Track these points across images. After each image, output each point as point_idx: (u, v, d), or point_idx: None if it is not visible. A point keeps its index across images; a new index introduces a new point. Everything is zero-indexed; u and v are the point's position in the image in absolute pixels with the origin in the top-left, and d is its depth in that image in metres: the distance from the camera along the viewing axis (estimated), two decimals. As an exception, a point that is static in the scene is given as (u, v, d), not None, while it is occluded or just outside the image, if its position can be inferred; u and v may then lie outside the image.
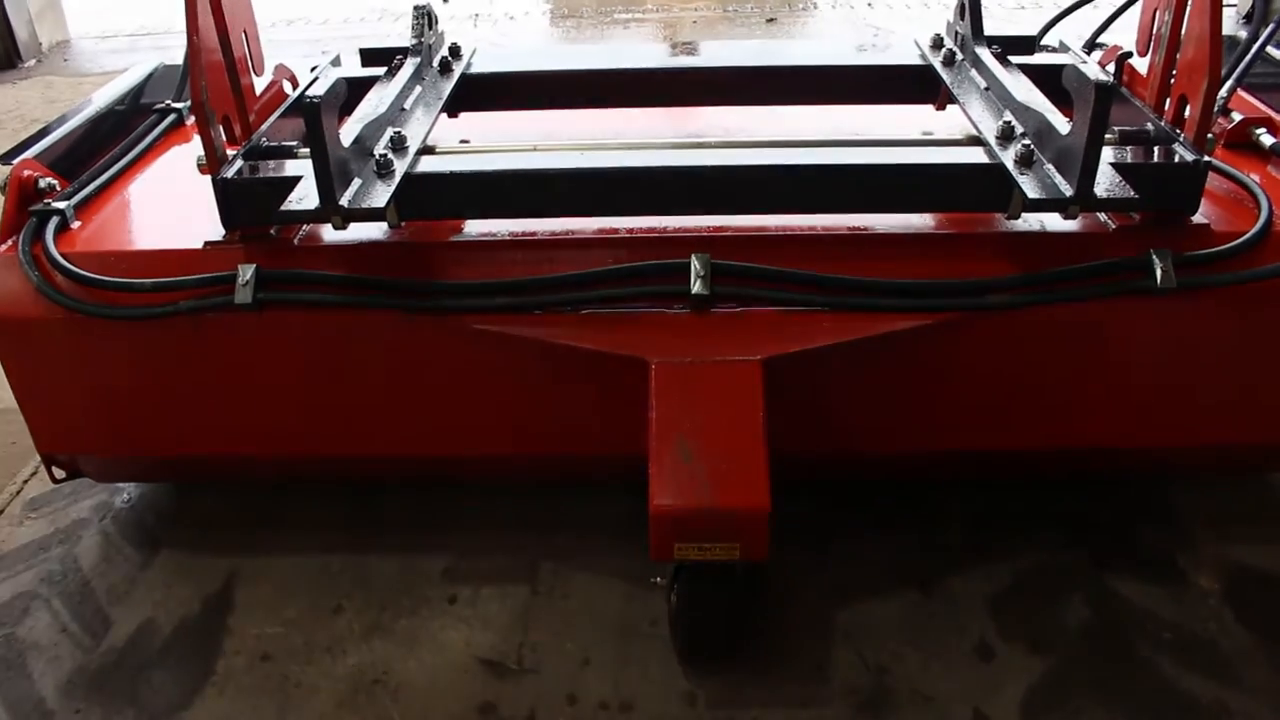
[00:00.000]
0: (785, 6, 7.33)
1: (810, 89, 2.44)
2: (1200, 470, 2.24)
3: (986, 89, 2.12)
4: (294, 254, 1.85)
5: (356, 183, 1.73)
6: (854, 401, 1.87)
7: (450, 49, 2.41)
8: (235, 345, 1.88)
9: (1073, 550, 2.12)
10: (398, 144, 1.89)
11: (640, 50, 3.75)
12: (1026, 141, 1.83)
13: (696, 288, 1.73)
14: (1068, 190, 1.64)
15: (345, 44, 6.85)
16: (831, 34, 6.55)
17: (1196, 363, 1.86)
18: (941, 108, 2.45)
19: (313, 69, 2.36)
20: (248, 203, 1.79)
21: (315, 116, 1.57)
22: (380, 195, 1.71)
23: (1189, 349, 1.85)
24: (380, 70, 2.22)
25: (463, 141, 2.20)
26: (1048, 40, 2.54)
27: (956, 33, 2.44)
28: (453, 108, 2.36)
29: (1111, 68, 2.16)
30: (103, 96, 2.42)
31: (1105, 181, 1.67)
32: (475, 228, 1.90)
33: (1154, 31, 1.97)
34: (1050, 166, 1.75)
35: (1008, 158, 1.78)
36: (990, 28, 2.25)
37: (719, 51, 2.85)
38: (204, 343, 1.88)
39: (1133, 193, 1.65)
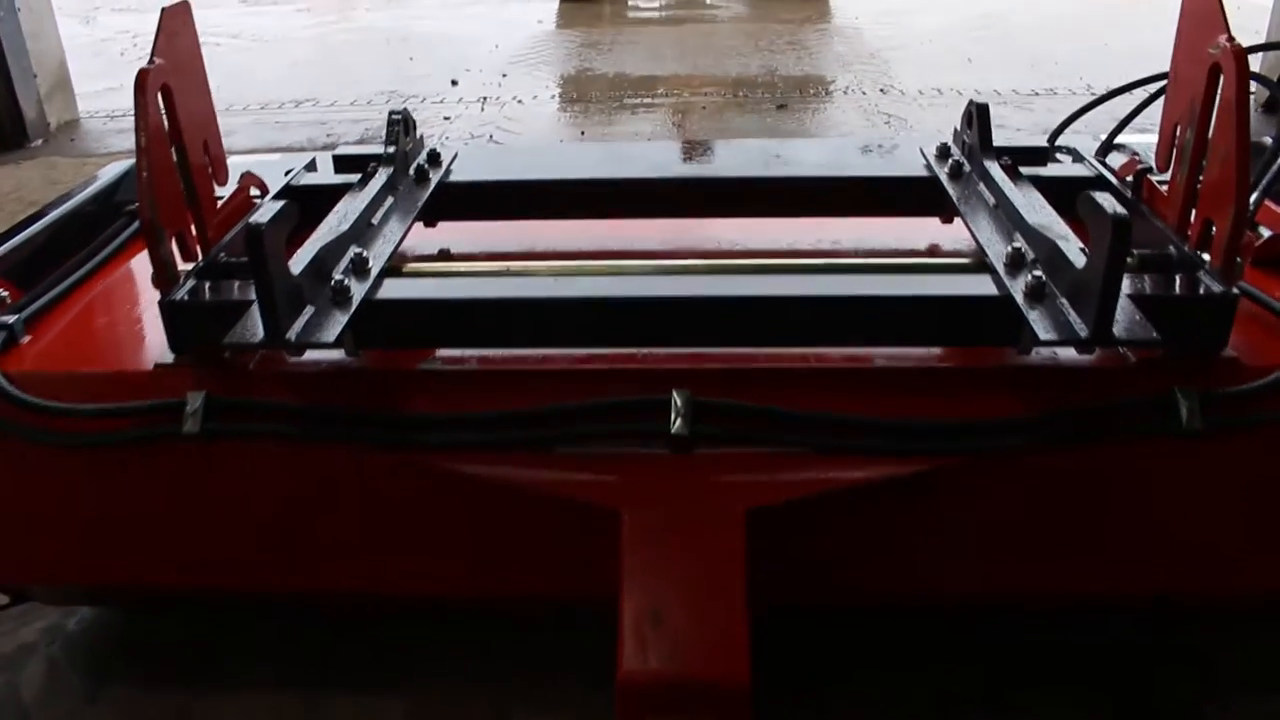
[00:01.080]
0: (797, 92, 7.32)
1: (810, 201, 2.31)
2: (1231, 616, 2.06)
3: (995, 206, 1.99)
4: (248, 379, 1.72)
5: (309, 311, 1.60)
6: (847, 549, 1.71)
7: (429, 155, 2.31)
8: (184, 476, 1.74)
9: (1095, 704, 1.94)
10: (358, 266, 1.77)
11: (635, 152, 3.61)
12: (1038, 273, 1.69)
13: (677, 427, 1.58)
14: (1083, 330, 1.50)
15: (351, 128, 6.87)
16: (843, 123, 6.51)
17: (1227, 507, 1.70)
18: (948, 221, 2.31)
19: (287, 173, 2.26)
20: (195, 328, 1.67)
21: (258, 244, 1.45)
22: (332, 326, 1.58)
23: (1218, 493, 1.68)
24: (357, 175, 2.11)
25: (440, 252, 2.08)
26: (1062, 140, 2.43)
27: (964, 142, 2.32)
28: (430, 217, 2.24)
29: (1129, 178, 2.04)
30: (72, 197, 2.32)
31: (1124, 317, 1.53)
32: (443, 353, 1.77)
33: (1175, 146, 1.85)
34: (1064, 300, 1.61)
35: (1017, 289, 1.64)
36: (1002, 114, 2.13)
37: (721, 154, 2.74)
38: (151, 472, 1.74)
39: (1154, 332, 1.51)
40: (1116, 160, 2.25)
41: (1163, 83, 1.91)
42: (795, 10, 10.42)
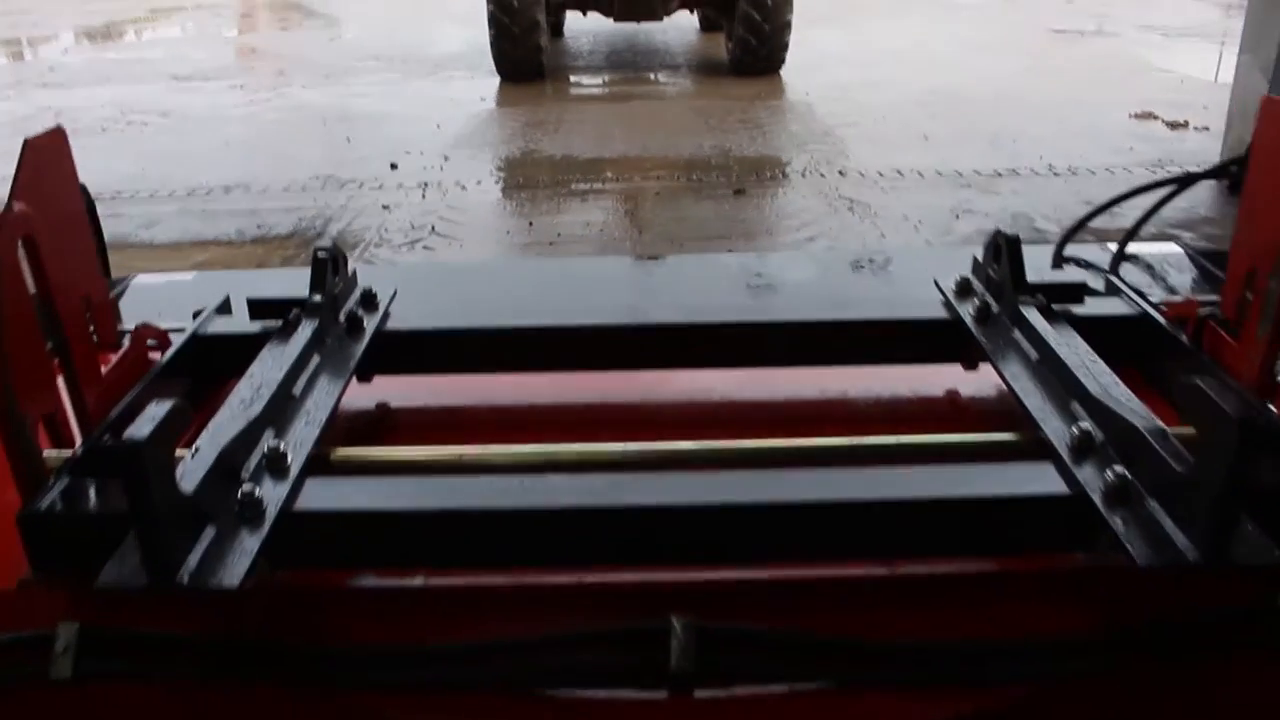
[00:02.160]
0: (753, 175, 7.05)
1: (811, 347, 1.91)
2: None
3: (1039, 360, 1.62)
4: (131, 605, 1.29)
5: (209, 534, 1.19)
6: None
7: (363, 297, 1.86)
8: None
9: None
10: (274, 462, 1.34)
11: (596, 271, 3.15)
12: (1119, 468, 1.31)
13: (676, 662, 1.19)
14: (1191, 552, 1.13)
15: (283, 218, 6.46)
16: (804, 209, 6.22)
17: None
18: (972, 368, 1.93)
19: (196, 314, 1.83)
20: (63, 546, 1.25)
21: (134, 467, 1.04)
22: (239, 556, 1.16)
23: None
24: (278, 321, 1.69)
25: (378, 415, 1.67)
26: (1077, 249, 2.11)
27: (989, 276, 1.94)
28: (366, 371, 1.80)
29: (1175, 316, 1.70)
30: None
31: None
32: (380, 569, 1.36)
33: (1249, 289, 1.51)
34: (1154, 503, 1.24)
35: (1093, 486, 1.27)
36: (968, 198, 1.78)
37: (694, 273, 2.36)
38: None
39: (1278, 549, 1.15)
40: (1130, 274, 1.98)
41: (1167, 189, 1.65)
42: (745, 86, 10.24)
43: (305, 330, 1.66)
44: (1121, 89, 10.12)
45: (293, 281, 1.77)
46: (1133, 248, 2.19)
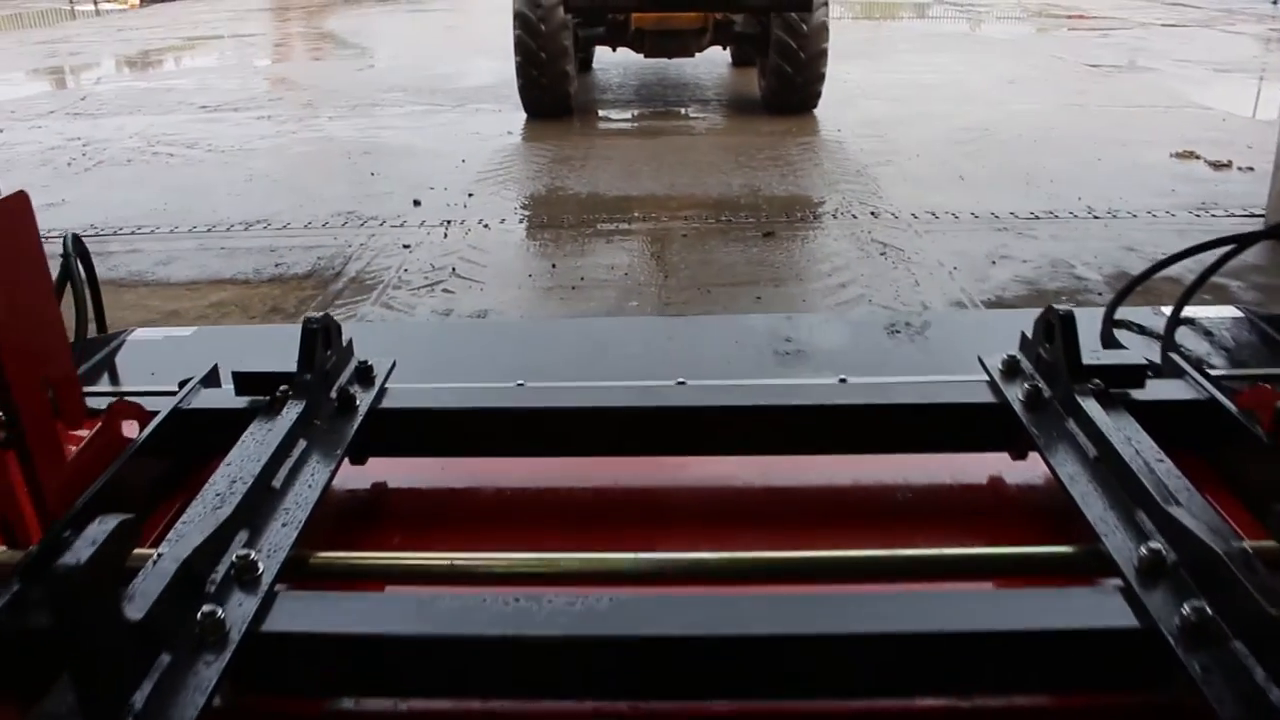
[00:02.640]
0: (783, 215, 6.88)
1: (844, 433, 1.71)
2: None
3: (1097, 459, 1.42)
4: None
5: (164, 662, 1.01)
6: None
7: (357, 371, 1.68)
8: None
9: None
10: (243, 573, 1.16)
11: (612, 333, 2.95)
12: (1198, 603, 1.10)
13: None
14: None
15: (303, 256, 6.33)
16: (835, 254, 6.03)
17: None
18: (1020, 458, 1.72)
19: (182, 384, 1.67)
20: (3, 665, 1.08)
21: (67, 600, 0.87)
22: (194, 694, 0.98)
23: None
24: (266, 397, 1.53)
25: (370, 506, 1.50)
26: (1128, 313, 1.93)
27: (1039, 356, 1.72)
28: (358, 453, 1.62)
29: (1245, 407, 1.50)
30: None
31: None
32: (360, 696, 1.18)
33: None
34: (1240, 645, 1.04)
35: (1166, 619, 1.07)
36: (1004, 242, 1.60)
37: (718, 333, 2.18)
38: None
39: None
40: (1187, 339, 1.81)
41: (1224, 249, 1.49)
42: (775, 122, 10.08)
43: (292, 411, 1.48)
44: (1161, 126, 9.88)
45: (296, 341, 1.62)
46: (1188, 310, 2.00)
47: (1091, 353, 1.67)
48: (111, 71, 16.67)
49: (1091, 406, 1.51)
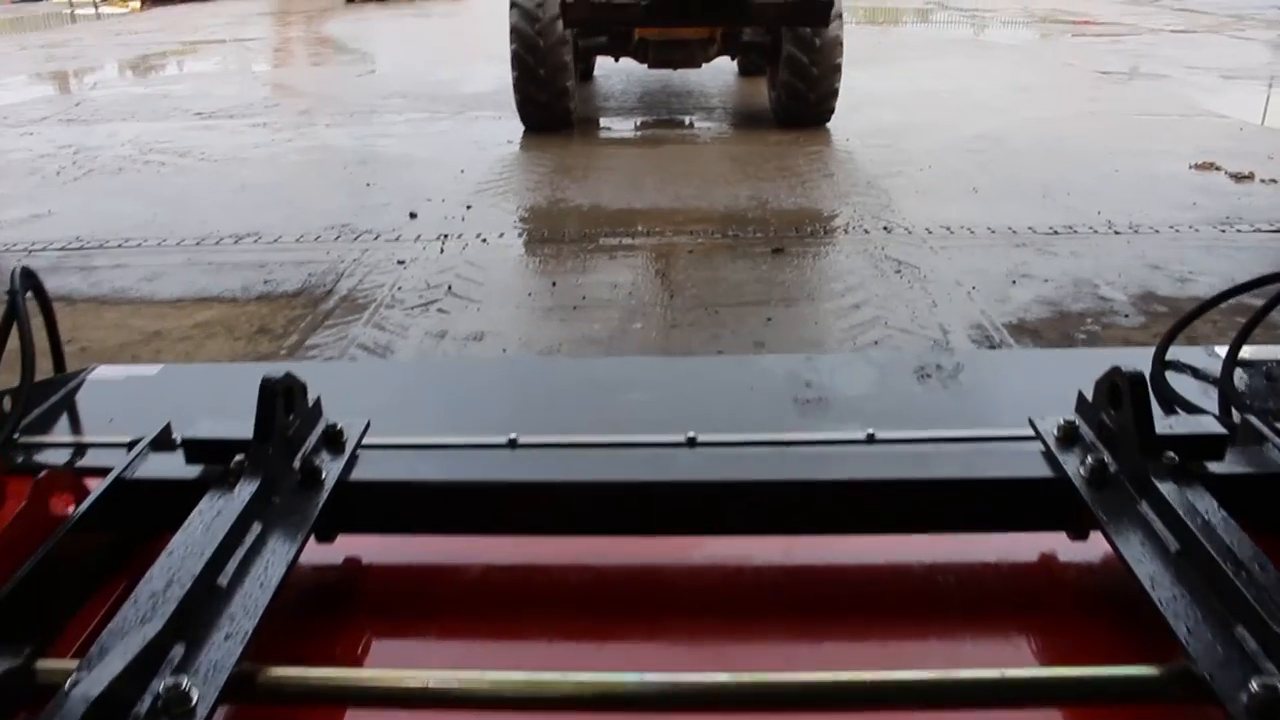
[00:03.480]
0: (793, 230, 6.63)
1: (875, 508, 1.46)
2: None
3: (1179, 553, 1.18)
4: None
5: None
6: None
7: (325, 434, 1.43)
8: None
9: None
10: (173, 705, 0.92)
11: (614, 374, 2.67)
12: None
13: None
14: None
15: (293, 273, 6.08)
16: (848, 272, 5.78)
17: None
18: (1081, 537, 1.46)
19: (132, 445, 1.43)
20: None
21: None
22: None
23: None
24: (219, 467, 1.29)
25: (333, 597, 1.26)
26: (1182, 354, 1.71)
27: (1103, 423, 1.46)
28: (325, 530, 1.37)
29: None
30: None
31: None
32: None
33: None
34: None
35: None
36: (1024, 259, 1.36)
37: (730, 375, 1.94)
38: None
39: None
40: (1243, 381, 1.57)
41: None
42: (783, 131, 9.83)
43: (247, 488, 1.24)
44: (1177, 136, 9.64)
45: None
46: (1244, 351, 1.78)
47: (1164, 421, 1.42)
48: (107, 76, 16.46)
49: (1169, 488, 1.26)
